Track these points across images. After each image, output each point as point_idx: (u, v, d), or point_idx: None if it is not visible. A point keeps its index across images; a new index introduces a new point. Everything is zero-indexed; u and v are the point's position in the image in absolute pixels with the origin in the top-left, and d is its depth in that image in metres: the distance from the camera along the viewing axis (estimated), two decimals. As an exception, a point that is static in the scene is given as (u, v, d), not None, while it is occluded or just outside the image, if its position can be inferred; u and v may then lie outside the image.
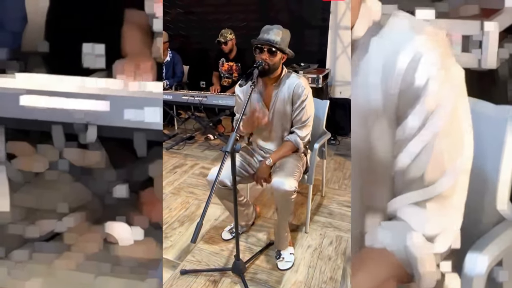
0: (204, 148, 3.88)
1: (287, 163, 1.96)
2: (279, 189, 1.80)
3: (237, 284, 1.84)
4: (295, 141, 1.99)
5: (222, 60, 3.94)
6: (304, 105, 1.92)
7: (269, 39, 1.81)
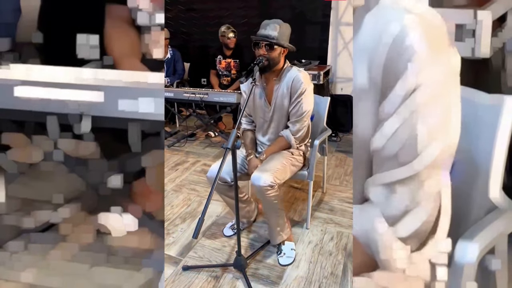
0: (205, 145, 3.88)
1: (272, 159, 1.96)
2: (254, 184, 1.81)
3: (239, 280, 1.84)
4: (287, 137, 1.99)
5: (220, 58, 3.92)
6: (301, 99, 1.90)
7: (266, 34, 1.81)
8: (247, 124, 2.17)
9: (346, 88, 4.32)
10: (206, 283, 1.82)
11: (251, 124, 2.17)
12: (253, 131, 2.16)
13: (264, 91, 1.99)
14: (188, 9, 4.90)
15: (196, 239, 2.03)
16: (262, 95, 1.99)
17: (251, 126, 2.16)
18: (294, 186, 2.84)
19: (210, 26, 4.67)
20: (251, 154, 2.02)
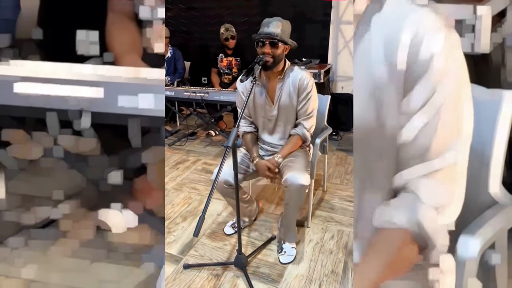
0: (206, 144, 3.88)
1: (298, 158, 1.97)
2: (293, 184, 1.80)
3: (239, 278, 1.84)
4: (303, 134, 1.99)
5: (221, 56, 3.93)
6: (309, 97, 1.93)
7: (269, 32, 1.80)
8: (246, 127, 2.12)
9: (347, 87, 4.32)
10: (207, 282, 1.82)
11: (250, 126, 2.13)
12: (253, 133, 2.13)
13: (265, 89, 1.98)
14: (188, 8, 4.90)
15: (197, 237, 2.02)
16: (263, 93, 1.98)
17: (251, 128, 2.13)
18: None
19: (211, 25, 4.66)
20: (256, 157, 2.01)
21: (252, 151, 2.05)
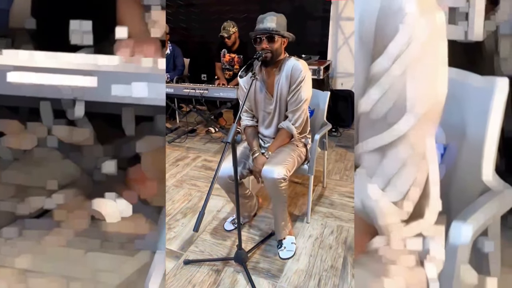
0: (206, 141, 3.88)
1: (279, 152, 1.96)
2: (267, 177, 1.80)
3: (240, 273, 1.84)
4: (287, 127, 1.98)
5: (224, 51, 3.92)
6: (300, 87, 1.89)
7: (265, 27, 1.81)
8: (248, 120, 2.14)
9: (347, 83, 4.31)
10: (207, 277, 1.82)
11: (252, 119, 2.14)
12: (254, 127, 2.14)
13: (265, 84, 1.98)
14: (187, 5, 4.89)
15: (197, 232, 2.03)
16: (263, 88, 1.98)
17: (252, 122, 2.14)
18: (295, 181, 2.84)
19: (210, 22, 4.66)
20: (256, 151, 2.00)
21: (253, 144, 2.05)
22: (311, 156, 2.13)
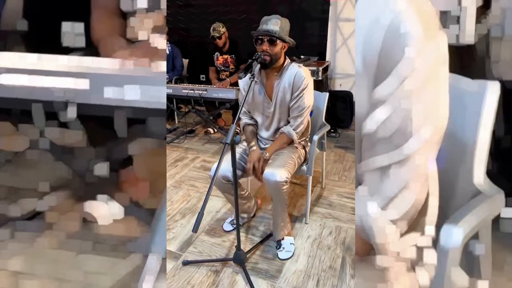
0: (204, 142, 3.89)
1: (280, 155, 1.96)
2: (269, 180, 1.80)
3: (239, 274, 1.85)
4: (288, 132, 1.99)
5: (217, 54, 3.97)
6: (303, 94, 1.90)
7: (268, 29, 1.80)
8: (247, 119, 2.15)
9: (345, 84, 4.31)
10: (206, 278, 1.83)
11: (251, 119, 2.16)
12: (253, 126, 2.14)
13: (264, 87, 1.98)
14: (186, 5, 4.89)
15: (195, 233, 2.03)
16: (262, 91, 1.98)
17: (252, 121, 2.15)
18: (293, 182, 2.84)
19: (209, 22, 4.61)
20: (253, 145, 2.01)
21: (250, 139, 2.07)
22: (310, 157, 2.13)
